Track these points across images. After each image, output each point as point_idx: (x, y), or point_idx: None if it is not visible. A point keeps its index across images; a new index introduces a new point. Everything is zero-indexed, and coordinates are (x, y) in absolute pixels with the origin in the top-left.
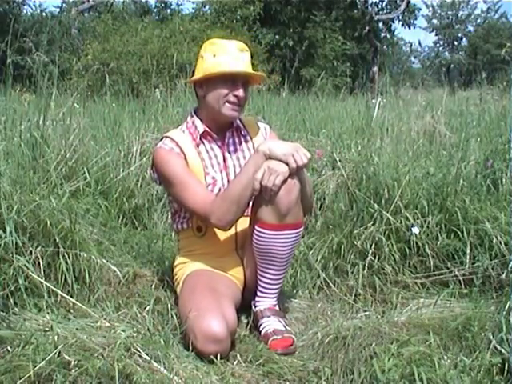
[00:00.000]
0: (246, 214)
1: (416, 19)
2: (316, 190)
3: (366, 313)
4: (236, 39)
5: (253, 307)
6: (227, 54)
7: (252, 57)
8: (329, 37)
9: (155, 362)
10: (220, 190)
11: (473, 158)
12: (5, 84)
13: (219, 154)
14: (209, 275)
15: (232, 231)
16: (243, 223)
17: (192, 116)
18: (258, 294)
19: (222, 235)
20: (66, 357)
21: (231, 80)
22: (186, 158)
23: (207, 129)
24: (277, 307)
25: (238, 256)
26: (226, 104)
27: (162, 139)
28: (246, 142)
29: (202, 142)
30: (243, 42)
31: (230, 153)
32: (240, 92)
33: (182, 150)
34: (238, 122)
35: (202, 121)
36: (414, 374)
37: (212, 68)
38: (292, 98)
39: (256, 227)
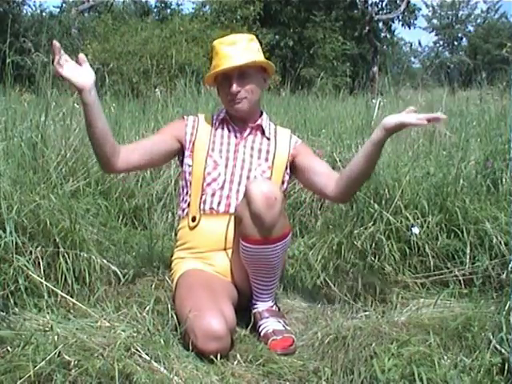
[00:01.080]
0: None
1: (416, 19)
2: None
3: (366, 313)
4: None
5: (251, 309)
6: (217, 55)
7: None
8: (329, 37)
9: (155, 362)
10: (219, 174)
11: (473, 157)
12: (5, 84)
13: (232, 144)
14: (204, 275)
15: (223, 229)
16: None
17: (223, 108)
18: (254, 297)
19: (213, 231)
20: (66, 357)
21: (225, 78)
22: (196, 134)
23: (227, 117)
24: (274, 307)
25: (228, 258)
26: (228, 103)
27: None
28: (268, 145)
29: (222, 128)
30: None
31: (244, 147)
32: (232, 88)
33: (196, 126)
34: (266, 124)
35: (227, 113)
36: (414, 374)
37: (211, 71)
38: (292, 97)
39: (242, 242)
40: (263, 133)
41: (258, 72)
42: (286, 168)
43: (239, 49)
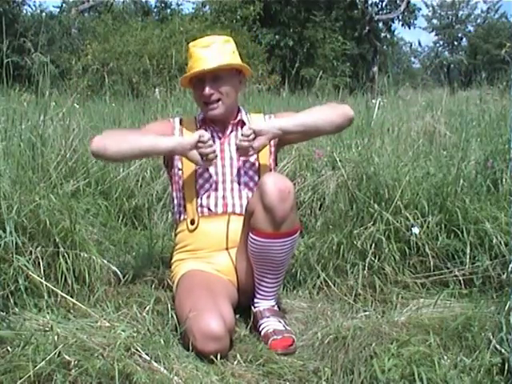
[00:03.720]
0: (238, 212)
1: (416, 19)
2: (316, 190)
3: (366, 313)
4: (236, 39)
5: (252, 308)
6: (191, 57)
7: (254, 56)
8: (329, 37)
9: (155, 362)
10: (211, 175)
11: (473, 157)
12: (3, 84)
13: (217, 144)
14: (204, 275)
15: (223, 229)
16: (235, 222)
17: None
18: (257, 296)
19: (213, 232)
20: (66, 357)
21: (199, 81)
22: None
23: (206, 118)
24: (276, 307)
25: (230, 257)
26: (203, 106)
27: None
28: None
29: (204, 129)
30: (239, 40)
31: (229, 144)
32: (205, 90)
33: (182, 129)
34: (245, 117)
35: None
36: (414, 374)
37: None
38: (292, 98)
39: (251, 235)
40: (241, 125)
41: (233, 75)
42: (271, 154)
43: (213, 51)
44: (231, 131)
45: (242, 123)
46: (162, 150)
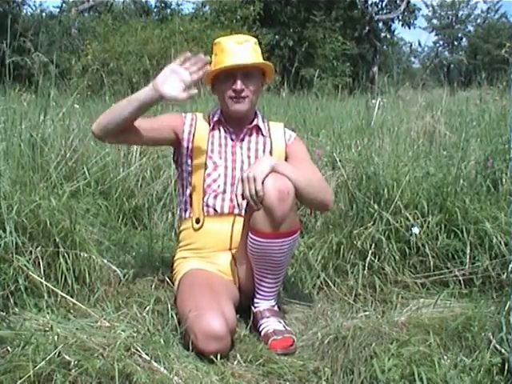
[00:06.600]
0: (242, 214)
1: (416, 19)
2: None
3: (366, 313)
4: None
5: (252, 308)
6: (223, 52)
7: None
8: (329, 37)
9: (155, 362)
10: (219, 175)
11: (473, 157)
12: (3, 84)
13: (229, 146)
14: (206, 275)
15: (228, 230)
16: (240, 223)
17: (218, 108)
18: (257, 296)
19: (218, 233)
20: (66, 357)
21: (229, 75)
22: (194, 133)
23: (222, 119)
24: (276, 308)
25: (232, 258)
26: (229, 100)
27: None
28: (264, 143)
29: (218, 129)
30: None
31: (241, 148)
32: (237, 85)
33: (195, 125)
34: (262, 123)
35: (222, 114)
36: (414, 374)
37: (213, 67)
38: (292, 97)
39: (250, 235)
40: (260, 132)
41: (259, 75)
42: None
43: (246, 48)
44: (245, 135)
45: (258, 128)
46: (142, 97)
